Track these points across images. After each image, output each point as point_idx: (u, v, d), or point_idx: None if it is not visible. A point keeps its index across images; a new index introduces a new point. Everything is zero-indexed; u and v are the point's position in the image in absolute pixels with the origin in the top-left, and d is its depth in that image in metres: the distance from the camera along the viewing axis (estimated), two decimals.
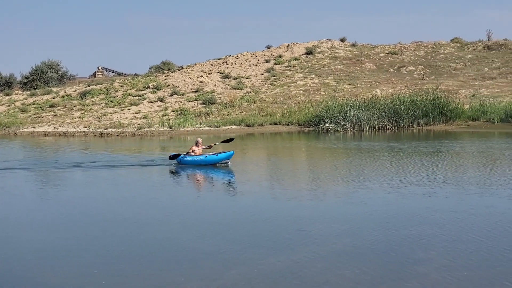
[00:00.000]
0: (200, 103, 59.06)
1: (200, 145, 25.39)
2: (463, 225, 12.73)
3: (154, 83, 66.60)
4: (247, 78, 66.42)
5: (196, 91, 62.96)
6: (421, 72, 63.95)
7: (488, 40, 73.40)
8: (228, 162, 24.72)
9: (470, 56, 68.17)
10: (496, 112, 44.69)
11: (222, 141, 27.91)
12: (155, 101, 61.07)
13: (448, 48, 71.92)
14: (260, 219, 14.41)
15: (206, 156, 24.80)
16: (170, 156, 25.11)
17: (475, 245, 11.15)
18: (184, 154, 25.20)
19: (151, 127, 52.16)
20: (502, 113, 44.25)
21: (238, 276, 9.95)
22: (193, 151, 25.11)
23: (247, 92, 61.39)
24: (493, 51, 68.84)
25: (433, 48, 72.64)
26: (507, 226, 12.59)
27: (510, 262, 10.10)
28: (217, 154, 24.83)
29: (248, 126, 50.81)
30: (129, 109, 59.28)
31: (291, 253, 11.08)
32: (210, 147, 25.73)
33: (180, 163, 25.10)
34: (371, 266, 10.12)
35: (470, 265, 10.04)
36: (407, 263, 10.26)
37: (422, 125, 46.65)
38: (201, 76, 67.71)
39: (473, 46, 71.67)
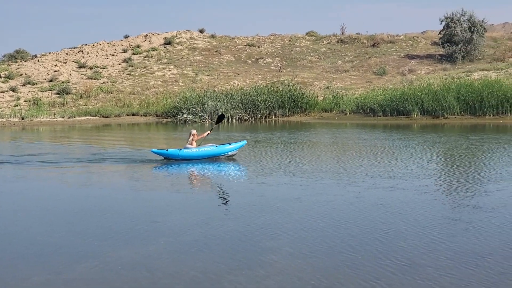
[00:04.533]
0: (55, 93, 57.43)
1: (196, 137, 22.84)
2: (312, 214, 13.07)
3: (6, 72, 64.01)
4: (104, 68, 65.22)
5: (51, 81, 61.18)
6: (278, 64, 65.23)
7: (342, 34, 75.88)
8: (235, 153, 23.00)
9: (324, 49, 70.25)
10: (348, 103, 46.36)
11: (216, 123, 24.85)
12: (7, 91, 58.76)
13: (304, 41, 73.74)
14: (112, 210, 14.18)
15: (217, 146, 22.64)
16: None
17: (322, 233, 11.48)
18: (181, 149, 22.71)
19: (2, 118, 50.17)
20: (354, 105, 45.98)
21: (87, 270, 9.72)
22: (191, 143, 22.67)
23: (104, 82, 60.38)
24: (346, 45, 71.29)
25: (289, 41, 74.24)
26: (353, 213, 13.05)
27: (352, 249, 10.46)
28: (230, 143, 22.93)
29: (105, 117, 50.02)
30: None
31: (143, 245, 10.96)
32: (210, 132, 23.41)
33: (176, 158, 22.50)
34: (220, 256, 10.19)
35: (316, 252, 10.31)
36: (256, 252, 10.41)
37: (278, 116, 47.68)
38: (56, 65, 65.85)
39: (328, 40, 73.89)
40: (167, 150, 22.87)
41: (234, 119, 47.03)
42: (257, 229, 11.92)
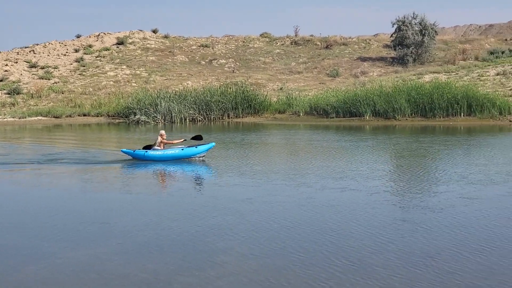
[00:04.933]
0: (5, 93, 56.47)
1: (164, 137, 23.05)
2: (263, 215, 13.14)
3: None
4: (56, 67, 64.33)
5: (1, 81, 60.10)
6: (232, 65, 65.18)
7: (295, 36, 76.11)
8: (204, 155, 22.91)
9: (278, 50, 70.40)
10: (302, 105, 46.46)
11: (192, 138, 24.18)
12: None
13: (258, 43, 73.80)
14: (63, 211, 14.04)
15: (182, 149, 22.66)
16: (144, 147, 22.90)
17: (273, 234, 11.54)
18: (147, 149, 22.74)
19: None
20: (307, 106, 46.08)
21: (36, 272, 9.64)
22: (159, 145, 22.79)
23: (55, 82, 59.52)
24: (300, 47, 71.56)
25: (243, 42, 74.23)
26: (303, 214, 13.14)
27: (303, 250, 10.56)
28: (196, 146, 22.79)
29: (56, 117, 49.35)
30: None
31: (93, 247, 10.88)
32: (182, 141, 23.51)
33: (142, 159, 22.54)
34: (171, 257, 10.18)
35: (267, 253, 10.38)
36: (207, 252, 10.42)
37: (231, 117, 47.59)
38: (6, 65, 64.67)
39: (281, 41, 74.05)
40: (134, 151, 22.95)
41: (187, 120, 46.85)
42: (208, 230, 11.93)
